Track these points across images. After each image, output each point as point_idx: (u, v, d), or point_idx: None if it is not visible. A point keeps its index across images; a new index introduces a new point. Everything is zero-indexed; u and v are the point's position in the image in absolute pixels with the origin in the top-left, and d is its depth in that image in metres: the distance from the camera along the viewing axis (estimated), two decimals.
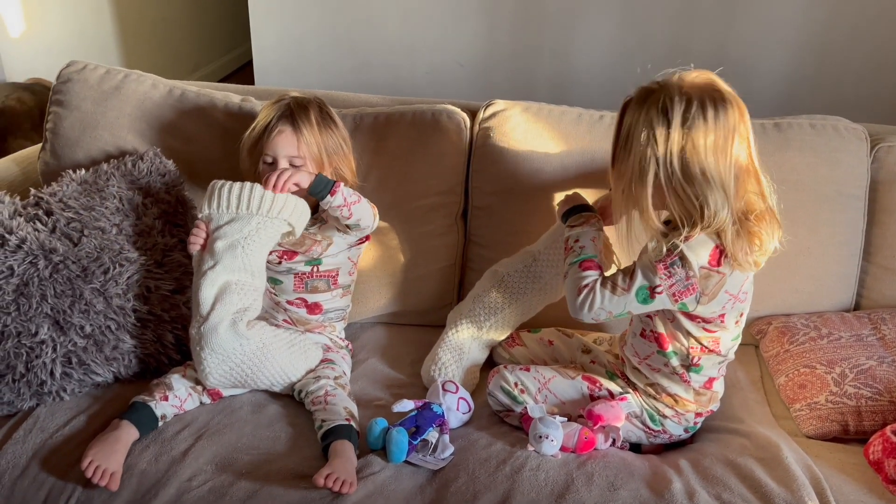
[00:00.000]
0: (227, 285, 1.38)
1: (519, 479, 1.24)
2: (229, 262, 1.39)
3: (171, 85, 1.75)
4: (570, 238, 1.38)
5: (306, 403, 1.40)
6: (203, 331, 1.36)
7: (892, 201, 1.63)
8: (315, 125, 1.49)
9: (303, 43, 2.80)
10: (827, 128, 1.64)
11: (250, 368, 1.38)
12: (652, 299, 1.26)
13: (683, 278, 1.23)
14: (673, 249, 1.23)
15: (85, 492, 1.25)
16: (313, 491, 1.23)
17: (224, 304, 1.37)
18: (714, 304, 1.27)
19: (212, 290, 1.37)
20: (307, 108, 1.50)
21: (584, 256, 1.33)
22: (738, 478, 1.25)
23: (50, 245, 1.43)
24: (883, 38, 2.38)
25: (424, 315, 1.72)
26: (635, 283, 1.26)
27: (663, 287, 1.24)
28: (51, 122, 1.73)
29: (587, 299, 1.28)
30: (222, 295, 1.37)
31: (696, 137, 1.19)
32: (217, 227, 1.41)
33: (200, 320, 1.36)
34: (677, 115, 1.19)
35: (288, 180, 1.41)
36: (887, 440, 1.31)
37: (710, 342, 1.31)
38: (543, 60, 2.67)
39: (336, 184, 1.42)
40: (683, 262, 1.23)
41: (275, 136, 1.46)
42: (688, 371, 1.34)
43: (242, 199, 1.41)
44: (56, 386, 1.39)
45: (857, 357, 1.45)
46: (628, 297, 1.27)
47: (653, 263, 1.25)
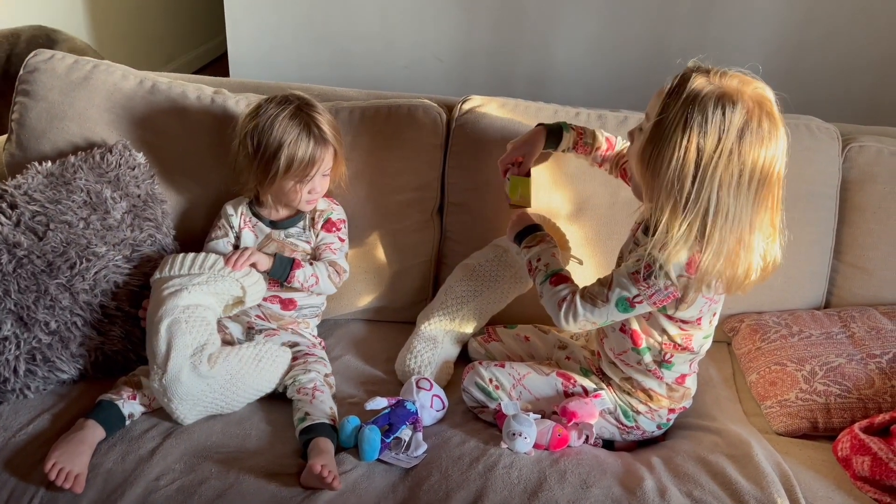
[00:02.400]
0: (174, 324, 1.31)
1: (492, 477, 1.23)
2: (172, 306, 1.33)
3: (142, 76, 1.72)
4: (530, 260, 1.39)
5: (290, 392, 1.38)
6: (165, 382, 1.28)
7: (863, 200, 1.65)
8: (328, 125, 1.48)
9: (279, 35, 2.77)
10: (800, 127, 1.65)
11: (224, 400, 1.34)
12: (633, 308, 1.26)
13: (662, 288, 1.23)
14: (651, 262, 1.21)
15: (48, 493, 1.22)
16: (284, 489, 1.22)
17: (178, 350, 1.29)
18: (693, 308, 1.27)
19: (161, 336, 1.30)
20: (314, 110, 1.48)
21: (552, 272, 1.35)
22: (710, 475, 1.26)
23: (14, 239, 1.39)
24: (856, 39, 2.41)
25: (399, 311, 1.71)
26: (614, 294, 1.26)
27: (643, 296, 1.25)
28: (16, 112, 1.69)
29: (569, 312, 1.29)
30: (173, 339, 1.29)
31: (745, 152, 1.13)
32: (166, 280, 1.38)
33: (159, 372, 1.29)
34: (735, 124, 1.12)
35: (243, 258, 1.43)
36: (855, 437, 1.32)
37: (682, 339, 1.32)
38: (522, 56, 2.67)
39: (291, 273, 1.46)
40: (661, 273, 1.21)
41: (321, 161, 1.46)
42: (660, 367, 1.34)
43: (196, 262, 1.40)
44: (20, 383, 1.35)
45: (826, 355, 1.47)
46: (608, 307, 1.27)
47: (630, 275, 1.24)
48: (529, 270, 1.39)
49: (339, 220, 1.57)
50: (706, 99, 1.13)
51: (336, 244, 1.55)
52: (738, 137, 1.13)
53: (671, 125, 1.14)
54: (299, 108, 1.47)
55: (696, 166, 1.14)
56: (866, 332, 1.52)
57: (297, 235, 1.55)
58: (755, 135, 1.14)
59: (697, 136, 1.13)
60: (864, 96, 2.46)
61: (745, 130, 1.13)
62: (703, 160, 1.13)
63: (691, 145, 1.13)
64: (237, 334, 1.53)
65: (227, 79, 1.92)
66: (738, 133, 1.13)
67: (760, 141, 1.14)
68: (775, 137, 1.16)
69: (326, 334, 1.63)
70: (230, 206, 1.57)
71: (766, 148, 1.15)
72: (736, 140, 1.13)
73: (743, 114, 1.13)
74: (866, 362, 1.45)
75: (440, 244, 1.72)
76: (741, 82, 1.17)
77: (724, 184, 1.14)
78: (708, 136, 1.13)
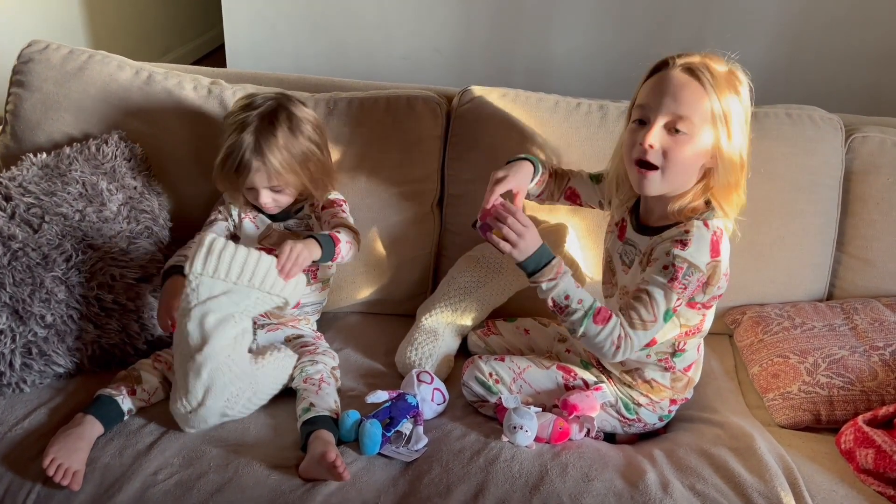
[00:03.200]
0: (217, 371, 1.23)
1: (493, 471, 1.22)
2: (218, 346, 1.23)
3: (138, 67, 1.70)
4: (555, 299, 1.24)
5: (296, 381, 1.37)
6: (191, 418, 1.25)
7: (866, 191, 1.64)
8: (283, 149, 1.40)
9: (276, 26, 2.75)
10: (803, 117, 1.64)
11: (237, 417, 1.33)
12: (675, 313, 1.25)
13: (695, 282, 1.23)
14: (678, 263, 1.21)
15: (45, 489, 1.21)
16: (284, 482, 1.21)
17: (215, 397, 1.24)
18: (714, 288, 1.27)
19: (202, 378, 1.22)
20: (273, 129, 1.40)
21: (592, 308, 1.23)
22: (712, 468, 1.25)
23: (8, 231, 1.37)
24: (859, 29, 2.39)
25: (399, 304, 1.70)
26: (659, 310, 1.22)
27: (682, 299, 1.24)
28: (11, 103, 1.67)
29: (628, 348, 1.23)
30: (213, 387, 1.23)
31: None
32: (209, 298, 1.24)
33: (188, 406, 1.23)
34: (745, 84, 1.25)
35: (296, 265, 1.30)
36: (859, 430, 1.31)
37: (698, 322, 1.32)
38: (520, 47, 2.65)
39: (336, 249, 1.39)
40: (693, 268, 1.21)
41: (251, 174, 1.40)
42: (671, 357, 1.34)
43: (246, 270, 1.24)
44: (16, 377, 1.34)
45: (829, 347, 1.46)
46: (657, 325, 1.23)
47: (667, 285, 1.21)
48: (556, 308, 1.25)
49: (338, 199, 1.53)
50: (730, 75, 1.24)
51: (342, 213, 1.49)
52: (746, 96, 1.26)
53: (723, 110, 1.22)
54: (260, 116, 1.40)
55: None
56: (869, 323, 1.51)
57: (297, 225, 1.53)
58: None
59: (743, 106, 1.24)
60: (867, 87, 2.44)
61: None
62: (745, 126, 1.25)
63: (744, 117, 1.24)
64: None
65: (223, 69, 1.90)
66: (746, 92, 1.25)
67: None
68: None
69: (326, 327, 1.62)
70: (234, 205, 1.54)
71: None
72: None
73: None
74: (869, 354, 1.44)
75: (440, 236, 1.71)
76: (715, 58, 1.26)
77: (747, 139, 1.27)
78: (744, 101, 1.24)
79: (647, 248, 1.29)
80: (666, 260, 1.22)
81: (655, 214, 1.31)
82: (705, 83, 1.20)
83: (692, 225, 1.23)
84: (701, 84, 1.20)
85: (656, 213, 1.31)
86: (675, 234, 1.24)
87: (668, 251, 1.22)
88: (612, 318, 1.23)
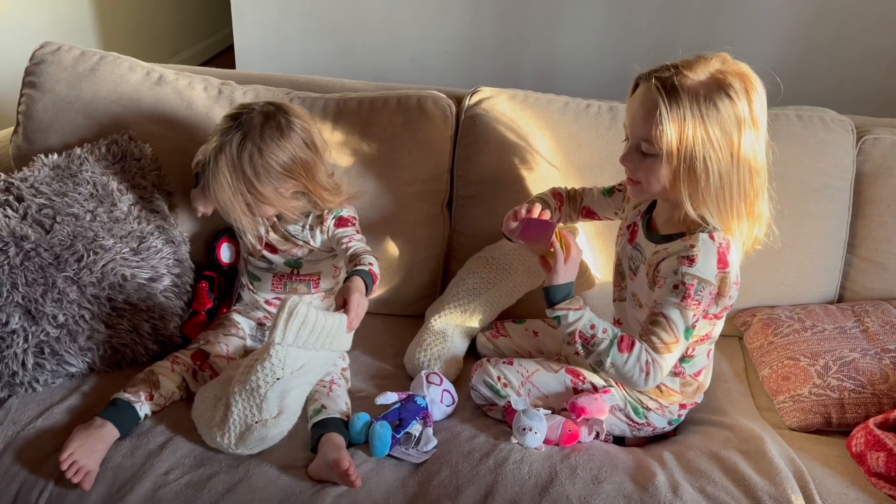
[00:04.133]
0: (280, 435, 1.26)
1: (502, 472, 1.22)
2: (293, 415, 1.27)
3: (149, 67, 1.71)
4: (582, 330, 1.23)
5: None
6: (226, 449, 1.25)
7: (877, 193, 1.63)
8: (255, 176, 1.34)
9: (285, 27, 2.75)
10: (814, 119, 1.63)
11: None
12: (694, 329, 1.23)
13: (707, 296, 1.21)
14: (688, 280, 1.19)
15: (57, 487, 1.21)
16: (294, 484, 1.21)
17: (287, 417, 1.26)
18: (726, 298, 1.26)
19: (264, 440, 1.24)
20: (263, 134, 1.35)
21: (615, 336, 1.22)
22: (722, 470, 1.25)
23: (21, 232, 1.38)
24: (870, 30, 2.38)
25: (408, 305, 1.70)
26: (679, 331, 1.20)
27: (697, 314, 1.22)
28: (23, 104, 1.68)
29: (657, 374, 1.21)
30: (286, 404, 1.25)
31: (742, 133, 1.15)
32: (293, 370, 1.25)
33: (259, 419, 1.23)
34: (739, 108, 1.14)
35: (360, 316, 1.29)
36: (870, 433, 1.31)
37: (708, 331, 1.31)
38: (529, 48, 2.65)
39: (373, 287, 1.36)
40: (704, 283, 1.20)
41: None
42: (681, 363, 1.33)
43: (328, 335, 1.25)
44: (28, 377, 1.35)
45: (840, 349, 1.46)
46: (680, 345, 1.22)
47: (681, 304, 1.20)
48: (582, 339, 1.24)
49: (350, 217, 1.49)
50: (711, 81, 1.14)
51: (357, 235, 1.46)
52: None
53: (691, 128, 1.13)
54: (249, 126, 1.36)
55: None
56: (880, 326, 1.50)
57: (296, 233, 1.50)
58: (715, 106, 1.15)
59: (735, 112, 1.15)
60: (879, 88, 2.43)
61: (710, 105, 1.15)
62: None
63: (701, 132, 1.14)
64: (248, 330, 1.52)
65: (234, 70, 1.91)
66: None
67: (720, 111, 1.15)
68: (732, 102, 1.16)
69: None
70: None
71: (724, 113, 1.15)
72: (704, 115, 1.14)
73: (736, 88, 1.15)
74: (881, 357, 1.44)
75: (450, 238, 1.71)
76: (704, 63, 1.16)
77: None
78: (738, 105, 1.15)
79: (651, 258, 1.27)
80: (675, 279, 1.20)
81: (662, 218, 1.30)
82: (662, 107, 1.12)
83: (697, 238, 1.20)
84: (664, 104, 1.13)
85: (663, 217, 1.30)
86: (681, 250, 1.21)
87: (675, 270, 1.20)
88: (635, 345, 1.21)
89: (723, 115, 1.14)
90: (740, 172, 1.17)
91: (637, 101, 1.19)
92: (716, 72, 1.16)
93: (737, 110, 1.14)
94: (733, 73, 1.16)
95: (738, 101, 1.14)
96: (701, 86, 1.14)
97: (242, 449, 1.25)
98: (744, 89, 1.15)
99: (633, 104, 1.21)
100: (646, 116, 1.16)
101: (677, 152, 1.15)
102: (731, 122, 1.14)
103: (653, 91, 1.14)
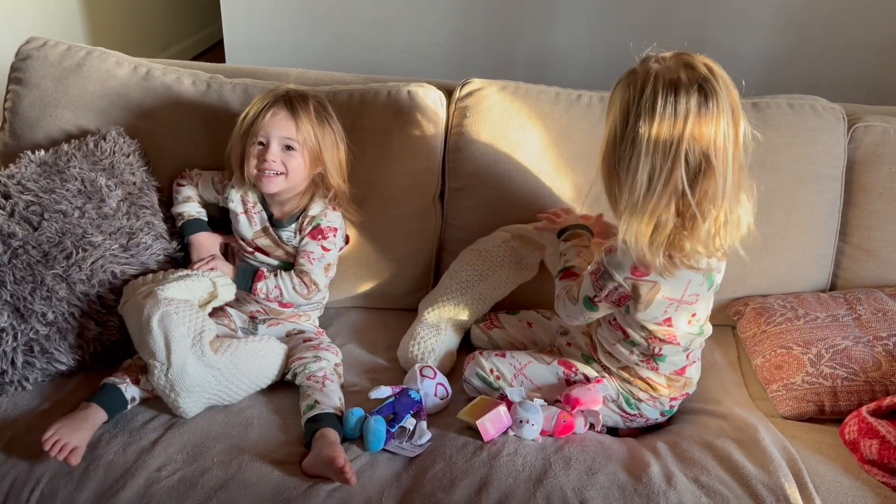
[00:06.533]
0: (164, 317, 1.28)
1: (496, 465, 1.22)
2: (153, 302, 1.30)
3: (136, 62, 1.69)
4: (561, 252, 1.42)
5: (300, 378, 1.37)
6: (172, 377, 1.27)
7: (869, 181, 1.63)
8: (313, 114, 1.44)
9: (275, 20, 2.74)
10: (805, 107, 1.63)
11: (227, 389, 1.33)
12: (596, 307, 1.28)
13: (612, 289, 1.24)
14: (600, 262, 1.25)
15: (50, 482, 1.21)
16: (288, 478, 1.21)
17: (177, 341, 1.27)
18: (653, 309, 1.25)
19: (156, 332, 1.27)
20: (305, 98, 1.45)
21: (565, 267, 1.38)
22: (716, 460, 1.25)
23: (8, 230, 1.37)
24: (861, 18, 2.38)
25: (401, 298, 1.69)
26: (581, 293, 1.29)
27: (599, 297, 1.26)
28: (9, 100, 1.66)
29: (558, 307, 1.36)
30: (168, 332, 1.27)
31: (648, 127, 1.10)
32: (137, 292, 1.38)
33: (163, 367, 1.27)
34: (634, 100, 1.11)
35: (206, 264, 1.47)
36: (863, 420, 1.31)
37: (664, 335, 1.30)
38: (521, 39, 2.64)
39: (254, 284, 1.46)
40: (608, 274, 1.23)
41: (269, 117, 1.40)
42: (653, 360, 1.33)
43: (158, 275, 1.42)
44: (18, 375, 1.34)
45: (833, 337, 1.46)
46: (578, 305, 1.30)
47: (589, 275, 1.27)
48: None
49: (329, 228, 1.48)
50: (625, 80, 1.18)
51: (316, 253, 1.48)
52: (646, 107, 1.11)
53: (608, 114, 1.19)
54: (288, 90, 1.46)
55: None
56: (872, 314, 1.50)
57: (289, 240, 1.51)
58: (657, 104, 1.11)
59: (619, 113, 1.16)
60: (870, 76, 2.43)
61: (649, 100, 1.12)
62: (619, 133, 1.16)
63: (620, 122, 1.15)
64: (240, 323, 1.52)
65: (222, 65, 1.90)
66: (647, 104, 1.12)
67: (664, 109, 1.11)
68: (682, 100, 1.11)
69: (327, 323, 1.62)
70: (235, 190, 1.52)
71: (675, 111, 1.11)
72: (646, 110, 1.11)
73: (650, 83, 1.11)
74: (873, 345, 1.44)
75: (441, 230, 1.70)
76: (657, 58, 1.15)
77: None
78: (629, 110, 1.13)
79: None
80: (598, 256, 1.28)
81: None
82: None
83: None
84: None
85: None
86: (614, 239, 1.23)
87: (601, 251, 1.27)
88: (565, 281, 1.35)
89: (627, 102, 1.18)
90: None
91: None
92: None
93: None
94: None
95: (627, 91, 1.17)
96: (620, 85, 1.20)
97: (161, 357, 1.28)
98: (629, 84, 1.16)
99: None
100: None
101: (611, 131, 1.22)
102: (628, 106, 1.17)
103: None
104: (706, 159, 1.11)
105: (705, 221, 1.14)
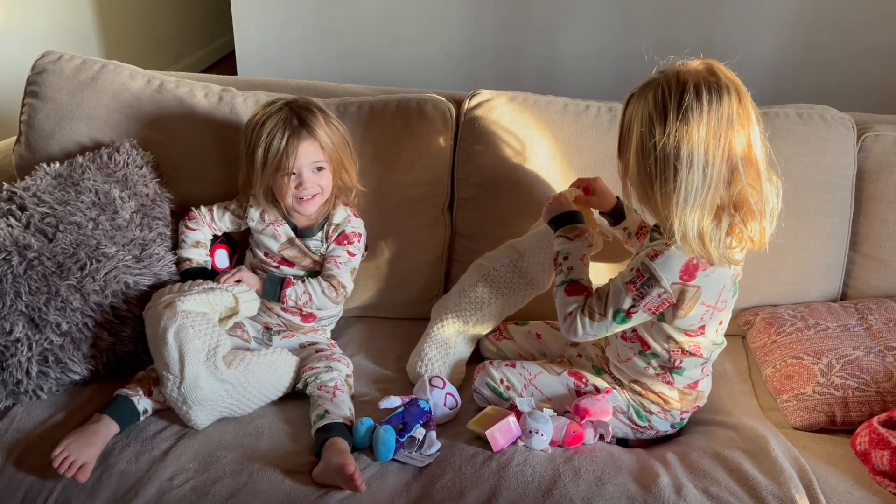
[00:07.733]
0: (180, 330, 1.29)
1: (506, 475, 1.22)
2: (171, 314, 1.31)
3: (150, 75, 1.72)
4: (559, 253, 1.36)
5: (311, 388, 1.38)
6: (184, 390, 1.28)
7: (879, 190, 1.62)
8: (323, 124, 1.45)
9: (286, 32, 2.76)
10: (814, 117, 1.63)
11: (238, 403, 1.34)
12: (629, 319, 1.26)
13: (656, 296, 1.23)
14: (643, 269, 1.22)
15: (63, 492, 1.22)
16: (298, 487, 1.22)
17: (191, 355, 1.28)
18: (691, 317, 1.25)
19: (171, 345, 1.28)
20: (310, 108, 1.45)
21: (571, 279, 1.32)
22: (726, 471, 1.25)
23: (24, 241, 1.39)
24: (870, 27, 2.38)
25: (410, 308, 1.70)
26: (609, 307, 1.26)
27: (638, 307, 1.24)
28: (25, 113, 1.69)
29: (572, 326, 1.29)
30: (183, 345, 1.28)
31: (691, 127, 1.14)
32: (158, 301, 1.39)
33: (176, 380, 1.28)
34: (673, 103, 1.14)
35: (233, 276, 1.46)
36: (874, 431, 1.30)
37: (691, 346, 1.30)
38: (530, 50, 2.65)
39: (283, 292, 1.46)
40: (654, 280, 1.21)
41: (296, 149, 1.41)
42: (670, 373, 1.33)
43: (185, 285, 1.42)
44: (32, 385, 1.36)
45: (843, 347, 1.45)
46: (606, 321, 1.27)
47: (624, 285, 1.24)
48: (554, 261, 1.37)
49: (354, 234, 1.52)
50: (647, 88, 1.19)
51: (343, 258, 1.51)
52: (678, 111, 1.15)
53: (629, 125, 1.21)
54: (290, 106, 1.44)
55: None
56: (884, 324, 1.49)
57: (316, 248, 1.53)
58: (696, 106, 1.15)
59: (645, 121, 1.18)
60: (879, 85, 2.42)
61: (683, 104, 1.15)
62: (656, 141, 1.16)
63: (646, 131, 1.17)
64: (254, 333, 1.53)
65: (234, 77, 1.92)
66: (677, 108, 1.15)
67: (702, 110, 1.16)
68: (719, 100, 1.16)
69: (337, 333, 1.63)
70: (255, 209, 1.53)
71: (710, 111, 1.15)
72: (679, 115, 1.15)
73: (680, 88, 1.15)
74: (884, 355, 1.43)
75: (451, 240, 1.71)
76: (682, 64, 1.19)
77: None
78: (654, 117, 1.17)
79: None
80: (635, 263, 1.25)
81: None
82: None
83: (675, 241, 1.19)
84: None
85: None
86: (656, 244, 1.23)
87: (639, 255, 1.25)
88: (577, 296, 1.30)
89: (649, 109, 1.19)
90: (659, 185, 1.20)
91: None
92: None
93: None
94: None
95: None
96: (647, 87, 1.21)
97: (175, 369, 1.29)
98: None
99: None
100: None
101: (628, 141, 1.23)
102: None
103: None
104: (749, 148, 1.18)
105: (754, 206, 1.19)
